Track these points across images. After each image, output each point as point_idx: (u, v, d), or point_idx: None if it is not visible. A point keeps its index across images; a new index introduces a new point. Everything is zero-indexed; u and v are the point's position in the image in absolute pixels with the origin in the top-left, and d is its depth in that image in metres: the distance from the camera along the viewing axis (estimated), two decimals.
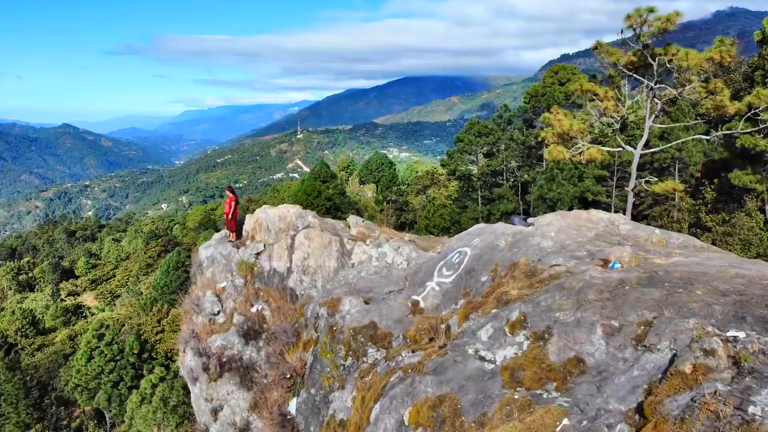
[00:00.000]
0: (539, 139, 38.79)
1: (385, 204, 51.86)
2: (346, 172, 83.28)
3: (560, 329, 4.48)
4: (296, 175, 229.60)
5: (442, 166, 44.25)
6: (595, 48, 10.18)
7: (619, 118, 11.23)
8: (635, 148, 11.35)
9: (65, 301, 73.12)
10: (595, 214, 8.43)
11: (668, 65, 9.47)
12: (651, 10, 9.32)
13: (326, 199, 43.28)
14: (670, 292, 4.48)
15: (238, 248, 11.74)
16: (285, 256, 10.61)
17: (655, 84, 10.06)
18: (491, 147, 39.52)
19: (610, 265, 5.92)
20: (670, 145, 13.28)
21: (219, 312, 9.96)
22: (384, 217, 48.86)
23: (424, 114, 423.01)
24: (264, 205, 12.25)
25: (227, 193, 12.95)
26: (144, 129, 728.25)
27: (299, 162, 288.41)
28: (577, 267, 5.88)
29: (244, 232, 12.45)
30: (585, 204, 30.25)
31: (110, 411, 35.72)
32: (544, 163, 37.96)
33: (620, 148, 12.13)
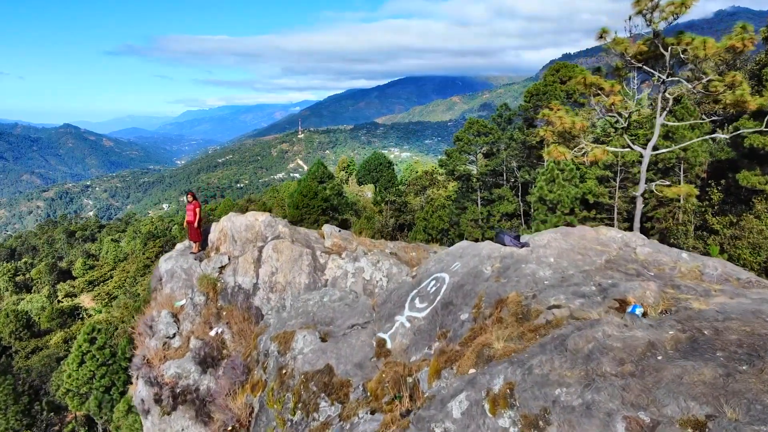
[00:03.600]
0: (539, 138, 37.97)
1: (383, 205, 51.06)
2: (346, 172, 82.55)
3: (562, 416, 3.18)
4: (297, 175, 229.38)
5: (441, 165, 43.41)
6: (601, 36, 9.12)
7: (627, 115, 10.21)
8: (644, 148, 10.34)
9: (62, 302, 72.60)
10: (606, 232, 6.94)
11: (682, 56, 8.53)
12: None
13: (323, 200, 42.47)
14: (730, 371, 3.04)
15: (200, 261, 10.55)
16: (251, 270, 9.54)
17: (667, 77, 9.07)
18: (491, 147, 38.63)
19: (629, 309, 4.61)
20: (683, 144, 12.29)
21: (174, 335, 8.91)
22: (383, 218, 48.04)
23: (425, 114, 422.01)
24: (230, 213, 11.10)
25: (188, 198, 11.51)
26: (145, 129, 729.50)
27: (300, 162, 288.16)
28: (584, 310, 4.63)
29: (209, 243, 11.23)
30: (586, 206, 29.36)
31: (101, 417, 34.98)
32: (544, 164, 37.07)
33: (627, 148, 11.12)
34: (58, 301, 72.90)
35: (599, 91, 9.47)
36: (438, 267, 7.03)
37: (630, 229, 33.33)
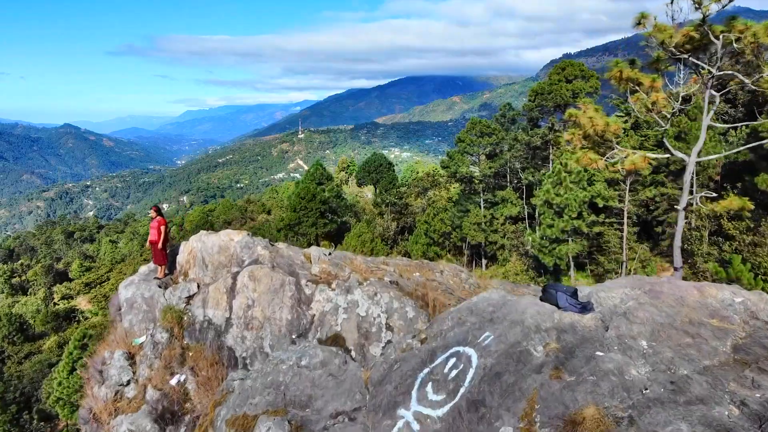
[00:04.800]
0: (547, 138, 36.87)
1: (384, 207, 50.02)
2: (346, 172, 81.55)
3: None
4: (297, 175, 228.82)
5: (443, 167, 42.32)
6: (638, 23, 7.92)
7: (669, 116, 8.98)
8: (688, 155, 9.07)
9: (58, 305, 71.58)
10: (715, 293, 4.75)
11: (735, 45, 7.39)
12: None
13: (321, 202, 41.45)
14: None
15: (165, 288, 8.98)
16: (223, 302, 7.93)
17: (717, 71, 7.89)
18: (494, 147, 37.56)
19: None
20: (736, 150, 10.82)
21: (129, 382, 7.42)
22: (383, 221, 46.96)
23: (425, 114, 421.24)
24: (201, 231, 9.56)
25: (152, 214, 9.85)
26: (145, 129, 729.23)
27: (300, 162, 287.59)
28: None
29: (177, 266, 9.59)
30: (595, 210, 28.25)
31: None
32: (549, 165, 36.00)
33: (668, 155, 9.92)
34: (54, 304, 71.88)
35: (637, 87, 8.27)
36: (459, 334, 4.94)
37: (640, 234, 32.12)
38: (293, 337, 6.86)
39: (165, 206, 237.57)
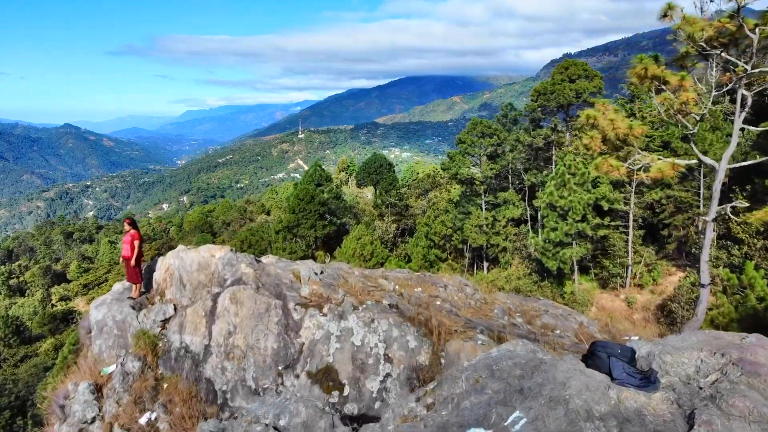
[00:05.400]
0: (550, 139, 36.25)
1: (384, 208, 49.45)
2: (346, 173, 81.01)
3: None
4: (297, 175, 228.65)
5: (443, 168, 41.72)
6: (665, 15, 7.23)
7: (699, 118, 8.32)
8: (718, 160, 8.40)
9: (56, 306, 71.05)
10: None
11: None
12: None
13: (320, 203, 40.88)
14: None
15: (139, 310, 8.06)
16: (202, 327, 7.06)
17: (752, 68, 7.24)
18: (495, 148, 36.97)
19: None
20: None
21: (94, 419, 6.53)
22: (383, 223, 46.38)
23: (425, 114, 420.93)
24: (179, 246, 8.63)
25: (126, 227, 9.10)
26: (146, 129, 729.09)
27: (300, 162, 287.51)
28: None
29: (153, 284, 8.78)
30: (599, 212, 27.64)
31: None
32: (552, 166, 35.42)
33: (695, 161, 9.24)
34: (52, 305, 71.39)
35: (663, 86, 7.60)
36: (477, 407, 3.68)
37: (646, 238, 31.47)
38: (279, 368, 6.23)
39: (165, 206, 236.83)
